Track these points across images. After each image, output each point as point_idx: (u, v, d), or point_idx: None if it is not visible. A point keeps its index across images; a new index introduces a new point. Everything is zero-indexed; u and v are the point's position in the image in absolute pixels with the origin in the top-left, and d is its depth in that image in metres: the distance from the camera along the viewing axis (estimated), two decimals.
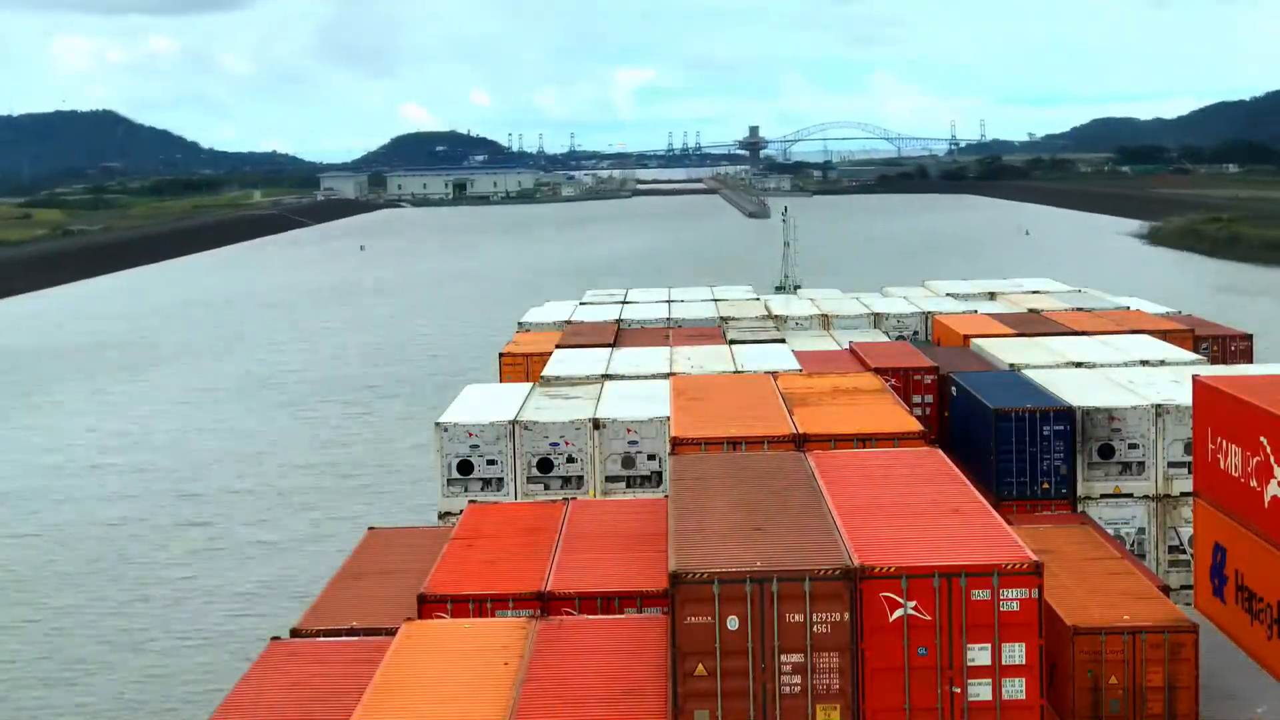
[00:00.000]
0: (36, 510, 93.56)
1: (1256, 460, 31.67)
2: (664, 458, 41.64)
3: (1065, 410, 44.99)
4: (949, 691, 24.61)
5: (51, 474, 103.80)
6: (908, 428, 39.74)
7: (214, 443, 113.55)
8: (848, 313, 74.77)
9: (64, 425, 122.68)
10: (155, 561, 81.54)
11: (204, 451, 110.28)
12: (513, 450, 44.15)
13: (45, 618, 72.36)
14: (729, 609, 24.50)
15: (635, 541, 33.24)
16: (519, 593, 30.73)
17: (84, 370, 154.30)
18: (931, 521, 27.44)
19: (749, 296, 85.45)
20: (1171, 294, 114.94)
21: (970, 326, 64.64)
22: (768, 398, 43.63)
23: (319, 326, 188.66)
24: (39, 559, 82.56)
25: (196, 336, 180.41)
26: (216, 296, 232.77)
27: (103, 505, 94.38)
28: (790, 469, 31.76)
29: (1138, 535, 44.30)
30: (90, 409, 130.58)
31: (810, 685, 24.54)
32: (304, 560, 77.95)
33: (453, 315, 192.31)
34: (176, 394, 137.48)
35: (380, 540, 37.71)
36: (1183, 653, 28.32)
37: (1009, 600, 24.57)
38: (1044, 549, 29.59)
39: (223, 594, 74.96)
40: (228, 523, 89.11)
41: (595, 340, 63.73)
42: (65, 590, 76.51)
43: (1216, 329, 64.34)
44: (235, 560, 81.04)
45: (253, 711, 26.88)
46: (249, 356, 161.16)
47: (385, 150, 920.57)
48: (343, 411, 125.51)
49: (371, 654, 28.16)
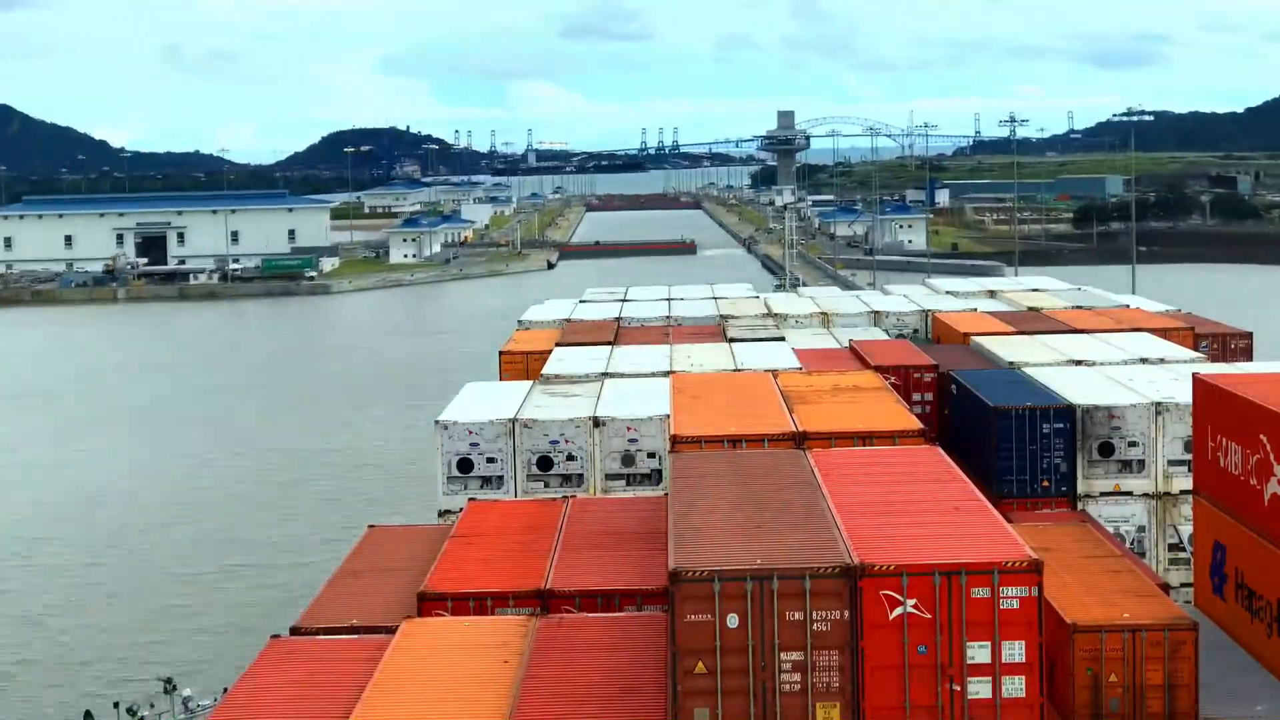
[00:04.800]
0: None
1: (1256, 458, 31.71)
2: (664, 456, 41.62)
3: (1065, 408, 44.97)
4: (949, 689, 24.61)
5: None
6: (908, 425, 39.74)
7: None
8: (848, 311, 74.67)
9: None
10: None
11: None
12: (513, 448, 44.14)
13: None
14: (729, 607, 24.49)
15: (635, 539, 33.26)
16: (519, 591, 30.75)
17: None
18: (931, 519, 27.43)
19: (749, 294, 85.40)
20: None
21: (970, 324, 64.61)
22: (768, 396, 43.61)
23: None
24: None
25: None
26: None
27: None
28: (790, 467, 31.75)
29: (1138, 533, 44.28)
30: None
31: (810, 683, 24.53)
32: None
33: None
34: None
35: (380, 538, 37.69)
36: (1182, 651, 28.29)
37: (1009, 598, 24.56)
38: (1044, 547, 29.58)
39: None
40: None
41: (595, 338, 63.68)
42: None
43: (1217, 327, 64.28)
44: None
45: (252, 710, 26.86)
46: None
47: (317, 150, 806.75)
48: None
49: (371, 652, 28.15)
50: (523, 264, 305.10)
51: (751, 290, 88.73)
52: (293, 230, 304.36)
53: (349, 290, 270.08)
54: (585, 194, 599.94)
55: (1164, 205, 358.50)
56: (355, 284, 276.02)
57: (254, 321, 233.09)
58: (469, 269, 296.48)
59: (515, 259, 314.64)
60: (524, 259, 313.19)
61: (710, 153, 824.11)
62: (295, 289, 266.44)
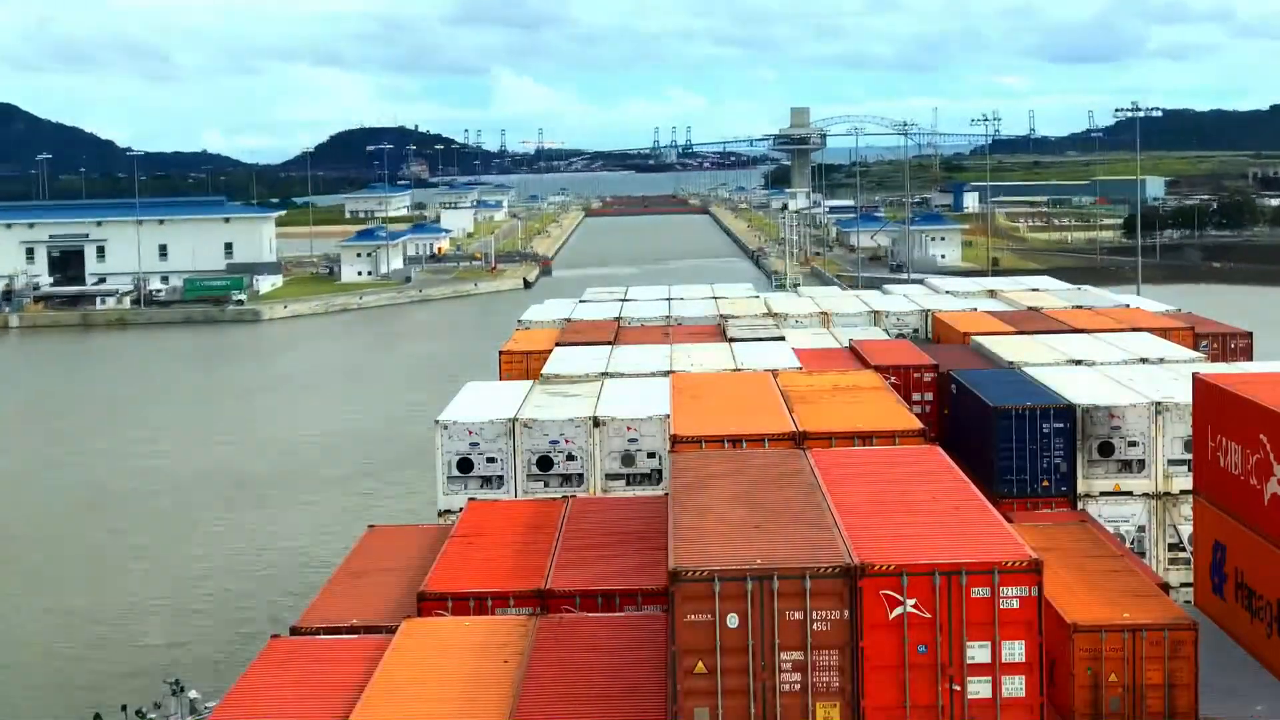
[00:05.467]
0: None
1: (1256, 458, 31.72)
2: (664, 455, 41.64)
3: (1065, 408, 44.99)
4: (949, 689, 24.62)
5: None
6: (907, 425, 39.74)
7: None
8: (848, 310, 74.72)
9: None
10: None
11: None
12: (513, 448, 44.16)
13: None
14: (729, 606, 24.49)
15: (635, 539, 33.29)
16: (519, 590, 30.78)
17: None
18: (931, 519, 27.44)
19: (749, 294, 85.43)
20: None
21: (970, 324, 64.65)
22: (767, 395, 43.61)
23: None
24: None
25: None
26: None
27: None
28: (790, 467, 31.75)
29: (1137, 533, 44.31)
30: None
31: (810, 683, 24.53)
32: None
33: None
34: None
35: (380, 538, 37.73)
36: (1182, 650, 28.28)
37: (1008, 598, 24.56)
38: (1044, 546, 29.57)
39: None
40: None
41: (595, 338, 63.71)
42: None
43: (1217, 326, 64.31)
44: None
45: (252, 710, 26.88)
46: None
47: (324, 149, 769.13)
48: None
49: (371, 652, 28.17)
50: (495, 283, 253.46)
51: (751, 290, 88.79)
52: (229, 244, 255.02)
53: (282, 317, 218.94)
54: (589, 196, 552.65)
55: (1226, 211, 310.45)
56: (291, 309, 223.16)
57: (141, 359, 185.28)
58: (432, 289, 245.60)
59: (488, 276, 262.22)
60: (498, 276, 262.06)
61: (724, 150, 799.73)
62: (220, 315, 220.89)
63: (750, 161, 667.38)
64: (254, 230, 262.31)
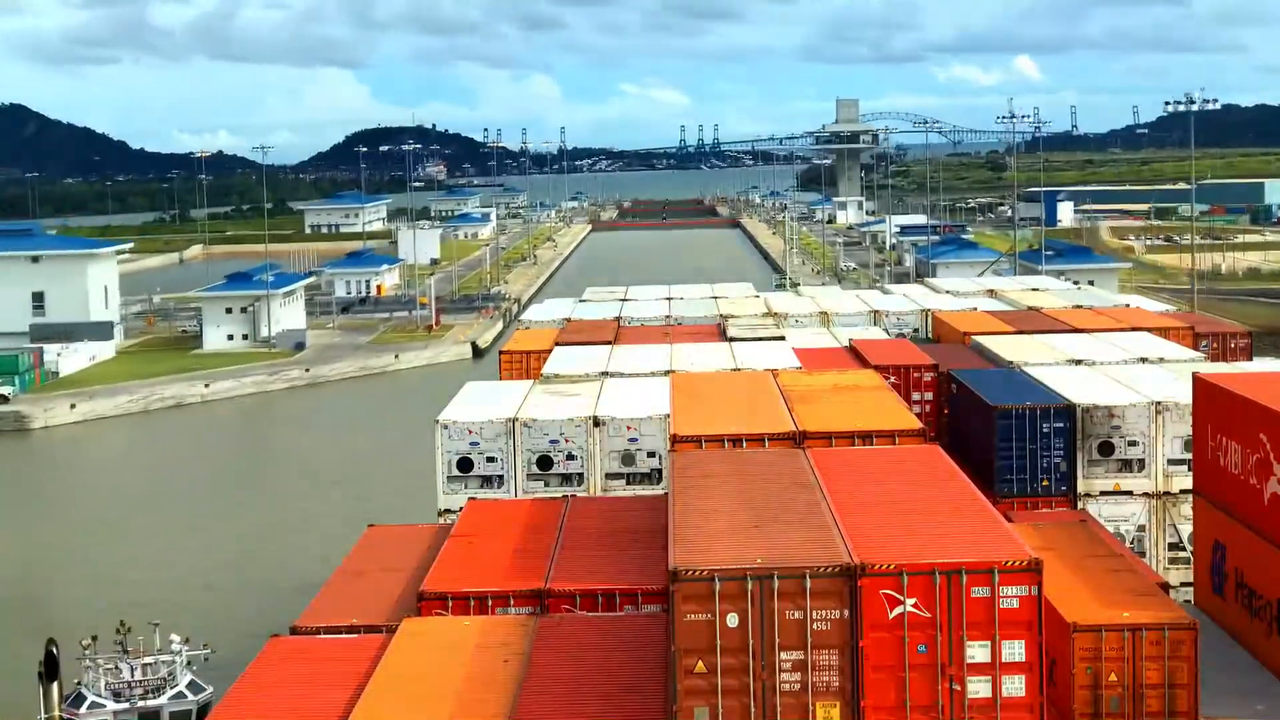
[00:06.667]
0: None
1: (1256, 457, 31.71)
2: (664, 455, 41.66)
3: (1065, 407, 45.00)
4: (948, 689, 24.61)
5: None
6: (907, 425, 39.74)
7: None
8: (848, 310, 74.77)
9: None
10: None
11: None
12: (513, 447, 44.18)
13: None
14: (728, 606, 24.49)
15: (635, 539, 33.29)
16: (519, 590, 30.78)
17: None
18: (931, 519, 27.43)
19: (749, 294, 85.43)
20: None
21: (970, 324, 64.66)
22: (767, 395, 43.61)
23: None
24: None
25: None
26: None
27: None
28: (790, 466, 31.75)
29: (1137, 532, 44.33)
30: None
31: (809, 682, 24.52)
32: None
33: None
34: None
35: (380, 537, 37.75)
36: (1182, 650, 28.26)
37: (1008, 597, 24.56)
38: (1043, 546, 29.61)
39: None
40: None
41: (595, 338, 63.74)
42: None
43: (1217, 326, 64.41)
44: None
45: (252, 709, 26.90)
46: None
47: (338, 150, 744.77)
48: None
49: (371, 651, 28.19)
50: (428, 350, 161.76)
51: (752, 290, 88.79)
52: (39, 294, 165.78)
53: (65, 423, 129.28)
54: (604, 201, 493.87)
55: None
56: (83, 409, 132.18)
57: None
58: (332, 363, 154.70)
59: (423, 336, 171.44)
60: (437, 338, 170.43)
61: (754, 149, 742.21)
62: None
63: (784, 160, 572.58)
64: (73, 273, 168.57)
